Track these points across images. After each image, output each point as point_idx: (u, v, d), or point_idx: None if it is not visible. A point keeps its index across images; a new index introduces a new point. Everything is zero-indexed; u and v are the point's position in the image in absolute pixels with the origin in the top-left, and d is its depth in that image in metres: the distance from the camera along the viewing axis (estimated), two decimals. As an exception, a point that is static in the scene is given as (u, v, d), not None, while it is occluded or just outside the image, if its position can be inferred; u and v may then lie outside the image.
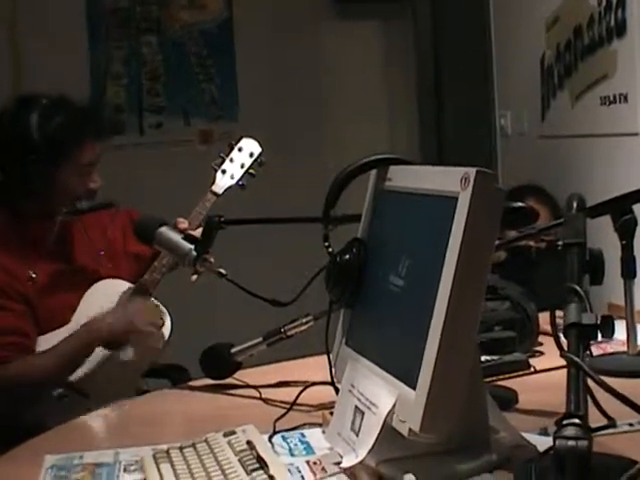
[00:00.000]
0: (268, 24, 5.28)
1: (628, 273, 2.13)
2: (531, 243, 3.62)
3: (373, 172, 1.72)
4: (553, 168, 4.03)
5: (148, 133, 5.27)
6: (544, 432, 1.66)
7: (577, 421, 1.02)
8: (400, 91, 5.39)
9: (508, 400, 1.86)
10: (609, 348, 2.28)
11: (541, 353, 2.38)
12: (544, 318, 2.50)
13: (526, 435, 1.58)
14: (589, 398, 1.15)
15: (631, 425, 1.66)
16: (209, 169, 2.86)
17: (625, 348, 2.20)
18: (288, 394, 2.02)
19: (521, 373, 2.14)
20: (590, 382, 1.16)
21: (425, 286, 1.37)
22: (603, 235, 2.04)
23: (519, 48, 4.61)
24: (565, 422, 1.02)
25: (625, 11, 3.47)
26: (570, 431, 1.02)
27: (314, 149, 5.29)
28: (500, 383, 2.01)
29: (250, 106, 5.25)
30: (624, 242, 2.10)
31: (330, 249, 1.69)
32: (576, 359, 1.14)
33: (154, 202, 2.83)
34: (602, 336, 1.23)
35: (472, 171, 1.32)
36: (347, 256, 1.66)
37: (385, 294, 1.57)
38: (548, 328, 2.53)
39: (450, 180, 1.36)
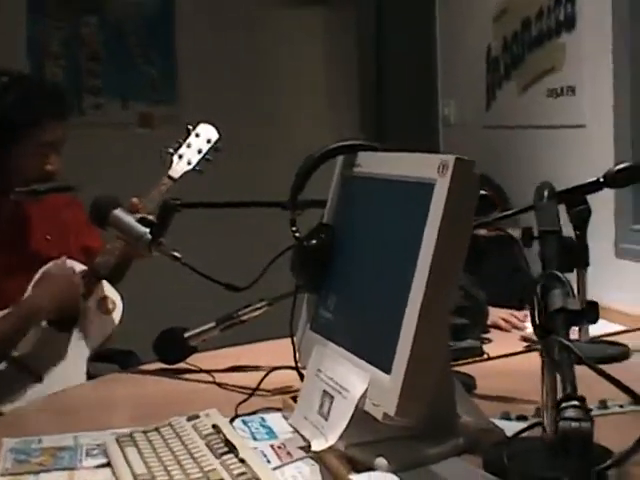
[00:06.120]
0: (210, 7, 5.25)
1: (581, 262, 2.17)
2: (482, 232, 3.60)
3: (340, 158, 1.72)
4: (496, 159, 4.06)
5: (88, 114, 5.21)
6: (506, 416, 1.68)
7: (577, 403, 1.04)
8: (342, 79, 5.39)
9: (467, 385, 1.87)
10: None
11: (489, 340, 2.45)
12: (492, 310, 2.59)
13: (488, 420, 1.60)
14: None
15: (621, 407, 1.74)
16: (150, 152, 2.83)
17: (577, 336, 2.24)
18: (241, 379, 2.03)
19: (476, 359, 2.17)
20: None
21: (399, 271, 1.38)
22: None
23: (464, 37, 4.63)
24: (565, 404, 1.04)
25: (575, 5, 3.52)
26: (572, 413, 1.03)
27: (255, 135, 5.26)
28: (457, 369, 2.03)
29: (190, 90, 5.22)
30: (578, 232, 2.13)
31: (297, 234, 1.69)
32: (568, 343, 1.17)
33: (94, 184, 2.76)
34: (587, 321, 1.25)
35: (451, 158, 1.32)
36: (314, 241, 1.66)
37: (356, 279, 1.57)
38: (496, 320, 2.64)
39: (426, 166, 1.37)
